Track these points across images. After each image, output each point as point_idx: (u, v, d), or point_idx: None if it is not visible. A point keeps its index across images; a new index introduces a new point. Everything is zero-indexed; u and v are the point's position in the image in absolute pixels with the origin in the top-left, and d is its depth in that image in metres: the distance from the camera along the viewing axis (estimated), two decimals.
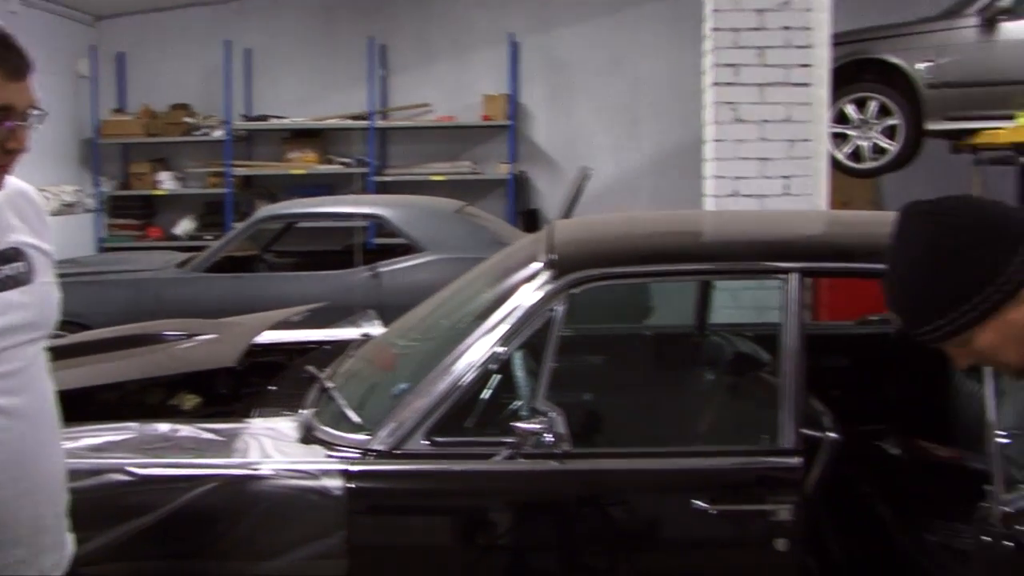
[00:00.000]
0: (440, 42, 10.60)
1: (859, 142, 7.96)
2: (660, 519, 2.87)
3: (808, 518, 2.85)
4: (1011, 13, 7.63)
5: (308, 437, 2.94)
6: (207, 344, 3.89)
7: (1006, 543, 2.28)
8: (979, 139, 7.87)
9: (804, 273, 2.88)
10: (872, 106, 7.87)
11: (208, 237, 9.84)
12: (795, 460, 2.74)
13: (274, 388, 3.53)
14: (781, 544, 2.72)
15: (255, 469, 2.79)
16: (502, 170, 10.35)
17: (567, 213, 7.27)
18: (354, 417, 2.97)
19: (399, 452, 2.81)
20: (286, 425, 3.04)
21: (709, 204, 6.17)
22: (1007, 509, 2.33)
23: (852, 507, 3.74)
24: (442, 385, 2.85)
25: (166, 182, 10.71)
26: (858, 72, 7.83)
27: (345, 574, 2.75)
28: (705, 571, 2.87)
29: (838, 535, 3.80)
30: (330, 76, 10.63)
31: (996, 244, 1.66)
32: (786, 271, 2.87)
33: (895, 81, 7.81)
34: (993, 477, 2.40)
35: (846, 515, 3.78)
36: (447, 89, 10.52)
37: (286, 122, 10.57)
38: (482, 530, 2.87)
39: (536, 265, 3.00)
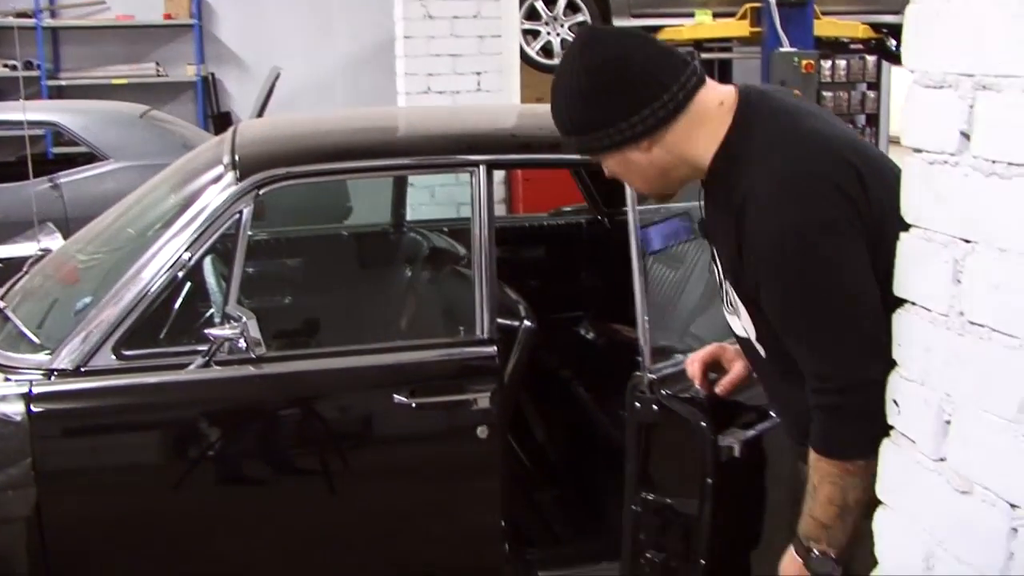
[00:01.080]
0: None
1: (549, 38, 8.11)
2: (363, 416, 2.87)
3: (509, 404, 2.94)
4: None
5: None
6: None
7: (653, 406, 2.47)
8: (663, 36, 8.20)
9: (491, 165, 2.92)
10: (561, 3, 8.03)
11: None
12: (491, 349, 2.80)
13: None
14: (482, 431, 2.79)
15: None
16: (189, 72, 9.88)
17: (259, 115, 7.05)
18: (33, 337, 2.79)
19: (86, 370, 2.66)
20: None
21: (402, 101, 6.15)
22: (652, 376, 2.52)
23: (552, 391, 3.90)
24: (128, 296, 2.71)
25: None
26: None
27: (34, 504, 2.60)
28: (412, 464, 2.90)
29: (541, 418, 3.96)
30: None
31: (628, 93, 1.82)
32: (474, 164, 2.90)
33: None
34: (642, 352, 2.57)
35: (547, 399, 3.93)
36: None
37: None
38: (182, 443, 2.79)
39: (219, 168, 2.88)
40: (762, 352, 1.93)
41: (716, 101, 1.87)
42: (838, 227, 1.70)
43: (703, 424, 2.43)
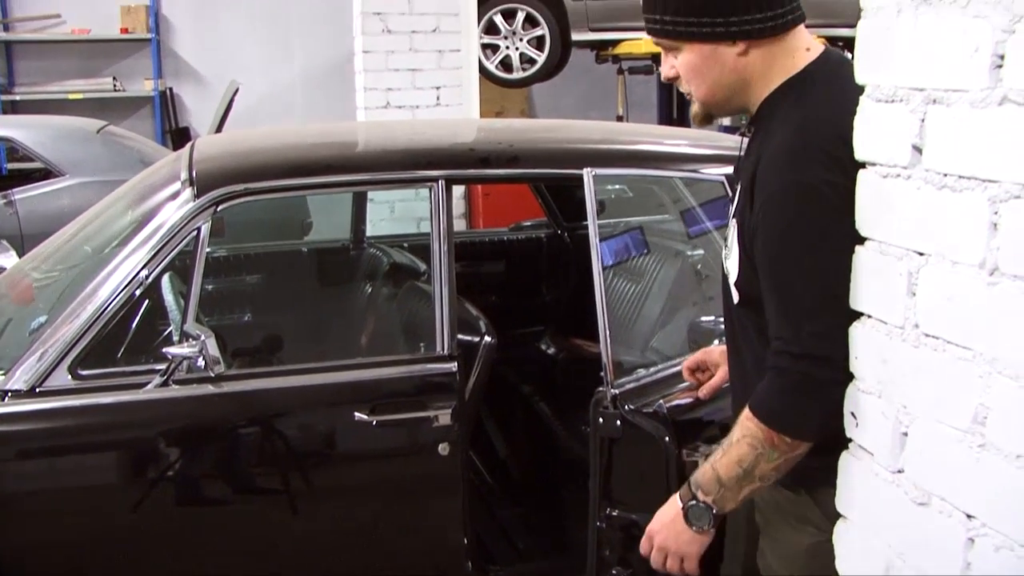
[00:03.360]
0: None
1: (508, 52, 8.11)
2: (323, 434, 2.85)
3: (470, 421, 2.93)
4: None
5: None
6: None
7: (616, 421, 2.48)
8: (620, 49, 8.23)
9: (449, 180, 2.91)
10: (520, 17, 8.03)
11: None
12: (452, 365, 2.79)
13: None
14: (444, 448, 2.77)
15: None
16: (147, 87, 9.81)
17: (218, 130, 7.01)
18: None
19: (41, 390, 2.62)
20: None
21: (361, 116, 6.13)
22: (615, 392, 2.53)
23: (514, 407, 3.89)
24: (84, 314, 2.67)
25: None
26: None
27: None
28: (374, 481, 2.88)
29: (503, 434, 3.96)
30: None
31: None
32: (433, 179, 2.89)
33: None
34: (605, 367, 2.58)
35: (509, 415, 3.93)
36: None
37: None
38: (140, 464, 2.75)
39: (176, 184, 2.85)
40: (735, 297, 1.94)
41: (805, 44, 1.88)
42: (832, 198, 1.67)
43: (667, 439, 2.45)
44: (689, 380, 2.36)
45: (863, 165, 1.51)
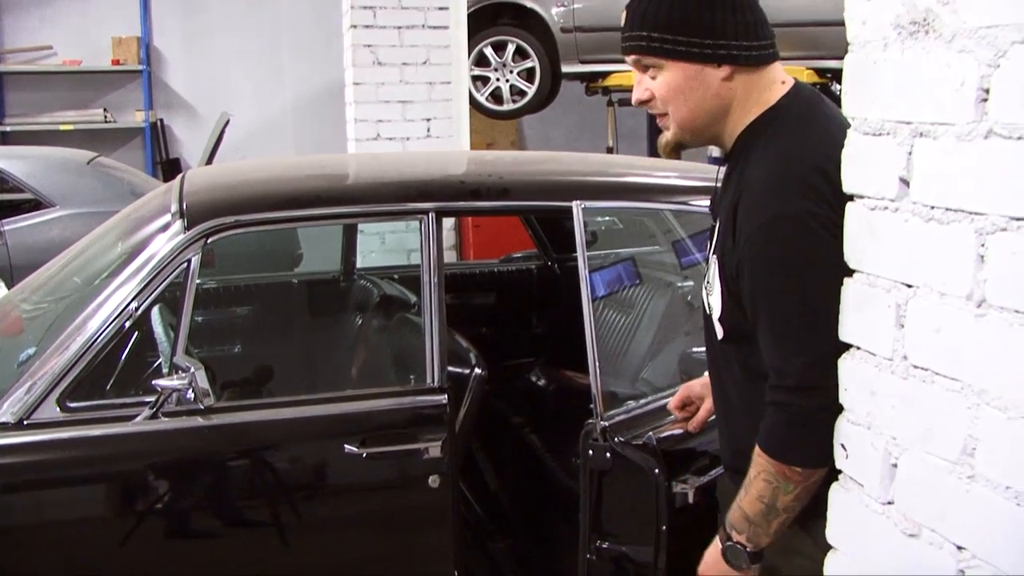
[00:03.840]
0: None
1: (499, 84, 8.15)
2: (313, 467, 2.84)
3: (460, 453, 2.92)
4: None
5: None
6: None
7: (606, 454, 2.49)
8: (610, 82, 8.28)
9: (440, 213, 2.92)
10: (510, 49, 8.08)
11: None
12: (442, 398, 2.78)
13: None
14: (434, 480, 2.77)
15: None
16: (137, 118, 9.82)
17: (208, 161, 7.03)
18: None
19: (29, 422, 2.60)
20: None
21: (352, 148, 6.15)
22: (604, 424, 2.53)
23: (504, 438, 3.89)
24: (73, 346, 2.66)
25: None
26: (495, 15, 8.01)
27: None
28: (364, 514, 2.87)
29: (493, 466, 3.95)
30: None
31: (747, 16, 1.82)
32: (424, 211, 2.90)
33: (531, 25, 8.04)
34: (595, 399, 2.58)
35: (499, 446, 3.92)
36: (71, 30, 9.76)
37: None
38: (129, 497, 2.73)
39: (167, 216, 2.86)
40: (719, 333, 1.93)
41: (780, 78, 1.89)
42: (816, 229, 1.68)
43: (657, 471, 2.45)
44: (678, 416, 2.37)
45: (851, 197, 1.51)
